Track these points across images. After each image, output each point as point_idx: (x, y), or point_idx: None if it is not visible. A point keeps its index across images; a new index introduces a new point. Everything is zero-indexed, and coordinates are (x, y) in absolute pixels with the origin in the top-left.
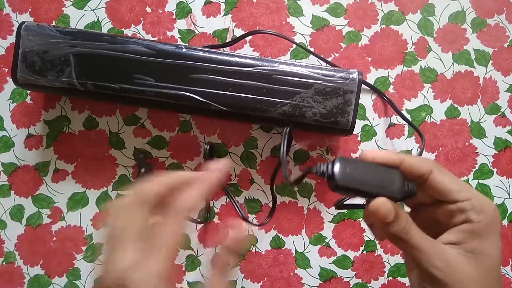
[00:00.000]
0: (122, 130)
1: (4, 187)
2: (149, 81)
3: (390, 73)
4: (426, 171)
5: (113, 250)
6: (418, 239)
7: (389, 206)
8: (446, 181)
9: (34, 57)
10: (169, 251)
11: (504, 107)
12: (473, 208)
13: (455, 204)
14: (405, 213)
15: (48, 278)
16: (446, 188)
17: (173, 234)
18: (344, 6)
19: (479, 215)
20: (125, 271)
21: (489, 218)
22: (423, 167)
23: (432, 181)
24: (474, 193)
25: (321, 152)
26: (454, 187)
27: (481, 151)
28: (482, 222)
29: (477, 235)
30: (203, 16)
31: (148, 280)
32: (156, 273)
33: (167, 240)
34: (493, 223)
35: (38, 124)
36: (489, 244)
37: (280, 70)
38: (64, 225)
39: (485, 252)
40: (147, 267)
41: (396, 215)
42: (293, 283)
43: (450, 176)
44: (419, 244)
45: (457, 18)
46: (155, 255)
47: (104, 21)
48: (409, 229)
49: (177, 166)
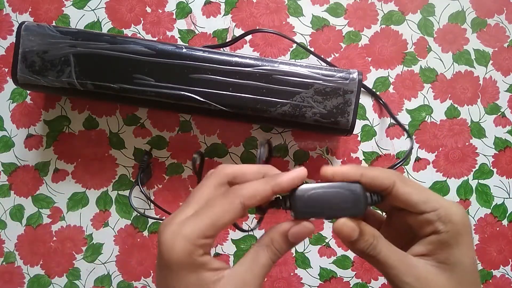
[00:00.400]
0: (122, 130)
1: (4, 187)
2: (149, 81)
3: (390, 73)
4: (388, 184)
5: (181, 207)
6: (386, 254)
7: (351, 225)
8: (410, 193)
9: (34, 57)
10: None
11: (504, 107)
12: (440, 219)
13: (422, 216)
14: (372, 229)
15: (48, 278)
16: (411, 201)
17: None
18: (344, 6)
19: (446, 225)
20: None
21: (457, 226)
22: (384, 180)
23: (396, 193)
24: (440, 202)
25: (321, 152)
26: (419, 199)
27: (481, 151)
28: (450, 232)
29: (446, 245)
30: (203, 16)
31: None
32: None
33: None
34: (461, 231)
35: (38, 124)
36: (460, 252)
37: (280, 70)
38: (64, 225)
39: (456, 261)
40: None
41: (361, 232)
42: (293, 283)
43: (415, 187)
44: (388, 260)
45: (457, 18)
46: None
47: (104, 21)
48: (376, 244)
49: (177, 166)
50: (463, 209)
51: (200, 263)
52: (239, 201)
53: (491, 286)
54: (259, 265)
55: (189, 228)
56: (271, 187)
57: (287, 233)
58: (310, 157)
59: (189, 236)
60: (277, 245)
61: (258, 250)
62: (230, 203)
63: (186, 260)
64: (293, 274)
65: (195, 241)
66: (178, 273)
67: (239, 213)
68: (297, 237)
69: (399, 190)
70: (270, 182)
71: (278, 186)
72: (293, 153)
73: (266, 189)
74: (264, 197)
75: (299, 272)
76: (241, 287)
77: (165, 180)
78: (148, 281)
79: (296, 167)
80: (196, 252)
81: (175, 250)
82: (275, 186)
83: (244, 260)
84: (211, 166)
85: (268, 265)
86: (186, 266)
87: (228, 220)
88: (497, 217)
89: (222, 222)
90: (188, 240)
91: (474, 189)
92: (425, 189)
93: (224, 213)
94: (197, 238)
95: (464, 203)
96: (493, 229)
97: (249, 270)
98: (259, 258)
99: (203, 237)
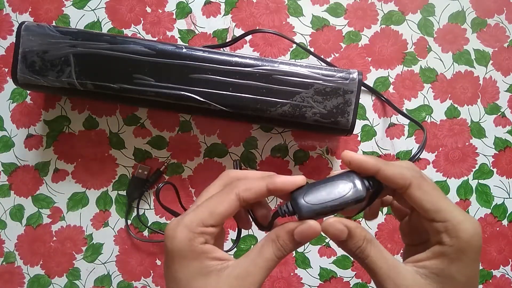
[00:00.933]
0: (122, 130)
1: (4, 187)
2: (149, 81)
3: (390, 73)
4: (402, 184)
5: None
6: (373, 259)
7: (339, 226)
8: (422, 199)
9: (34, 57)
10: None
11: (504, 107)
12: (446, 231)
13: (431, 223)
14: (363, 232)
15: (48, 278)
16: (422, 207)
17: (218, 199)
18: (344, 6)
19: (451, 239)
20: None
21: (462, 243)
22: (399, 181)
23: (409, 196)
24: (452, 214)
25: (321, 152)
26: (430, 207)
27: (481, 151)
28: (454, 247)
29: (446, 258)
30: (203, 16)
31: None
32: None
33: (211, 201)
34: (466, 249)
35: (38, 124)
36: (457, 269)
37: (280, 70)
38: (64, 225)
39: (451, 277)
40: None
41: (351, 234)
42: (293, 283)
43: (429, 193)
44: (374, 266)
45: (457, 18)
46: (196, 209)
47: (104, 21)
48: (365, 248)
49: (177, 166)
50: (476, 226)
51: (202, 251)
52: (235, 192)
53: (491, 286)
54: (263, 258)
55: (189, 217)
56: (266, 184)
57: (293, 231)
58: (310, 157)
59: (189, 225)
60: (282, 241)
61: (263, 244)
62: (226, 193)
63: (187, 247)
64: (293, 274)
65: (194, 228)
66: (181, 261)
67: (234, 203)
68: (302, 235)
69: (412, 193)
70: (266, 180)
71: (273, 184)
72: (293, 153)
73: (261, 184)
74: (259, 192)
75: (299, 272)
76: (244, 277)
77: (165, 180)
78: (148, 281)
79: None
80: (196, 239)
81: (177, 239)
82: (269, 183)
83: (249, 253)
84: (211, 166)
85: (271, 260)
86: (188, 254)
87: (224, 209)
88: (497, 217)
89: (219, 211)
90: (188, 228)
91: (474, 189)
92: (439, 197)
93: (221, 203)
94: (196, 226)
95: (464, 203)
96: (493, 229)
97: (253, 262)
98: (263, 251)
99: (201, 225)
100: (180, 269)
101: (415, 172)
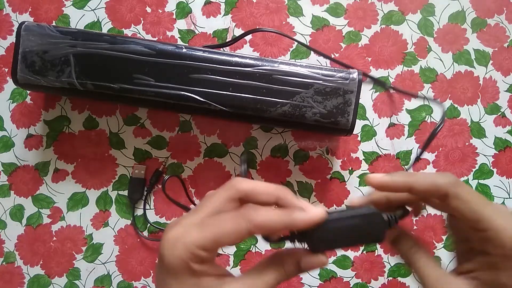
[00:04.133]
0: (122, 130)
1: (4, 187)
2: (149, 81)
3: (390, 73)
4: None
5: (190, 211)
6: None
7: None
8: (462, 208)
9: (34, 57)
10: (215, 236)
11: (504, 107)
12: (490, 241)
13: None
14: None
15: (48, 278)
16: (463, 217)
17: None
18: (344, 6)
19: (496, 249)
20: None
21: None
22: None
23: (447, 207)
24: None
25: (321, 152)
26: (471, 217)
27: (481, 151)
28: (501, 256)
29: (494, 268)
30: (203, 16)
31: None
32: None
33: (219, 228)
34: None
35: (38, 124)
36: (507, 276)
37: (280, 70)
38: (64, 225)
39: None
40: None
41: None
42: (293, 283)
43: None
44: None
45: (457, 18)
46: (201, 229)
47: (104, 21)
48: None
49: (177, 166)
50: None
51: (199, 269)
52: (247, 227)
53: None
54: (264, 281)
55: (191, 237)
56: (284, 224)
57: (300, 260)
58: (310, 157)
59: (189, 245)
60: (288, 269)
61: (266, 265)
62: (237, 224)
63: (184, 266)
64: None
65: (194, 250)
66: (176, 275)
67: (243, 237)
68: (309, 267)
69: (451, 203)
70: (284, 219)
71: (293, 224)
72: (293, 153)
73: (278, 223)
74: (274, 229)
75: None
76: None
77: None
78: (148, 281)
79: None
80: (194, 260)
81: (174, 255)
82: (289, 223)
83: (251, 272)
84: (211, 166)
85: (272, 285)
86: (184, 271)
87: (231, 241)
88: None
89: (224, 241)
90: (188, 248)
91: (474, 189)
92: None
93: (229, 234)
94: (197, 248)
95: None
96: None
97: (253, 284)
98: (265, 274)
99: (202, 249)
100: (176, 285)
101: (449, 178)
